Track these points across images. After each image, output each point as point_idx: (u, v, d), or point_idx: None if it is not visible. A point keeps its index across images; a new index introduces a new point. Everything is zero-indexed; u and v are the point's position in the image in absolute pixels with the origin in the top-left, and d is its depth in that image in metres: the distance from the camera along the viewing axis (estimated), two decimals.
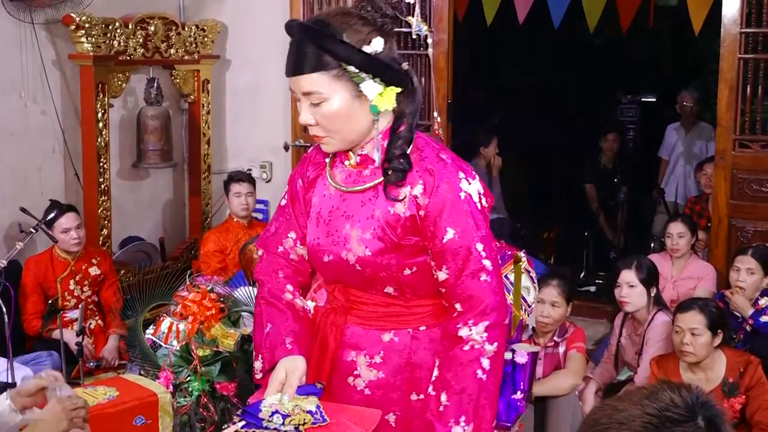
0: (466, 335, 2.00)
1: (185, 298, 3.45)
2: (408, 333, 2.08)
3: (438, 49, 5.60)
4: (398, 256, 2.01)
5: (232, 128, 6.40)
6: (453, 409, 1.98)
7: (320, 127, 2.02)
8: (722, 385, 3.71)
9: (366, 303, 2.08)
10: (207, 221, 6.21)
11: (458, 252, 1.99)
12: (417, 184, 2.00)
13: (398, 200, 2.01)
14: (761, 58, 4.93)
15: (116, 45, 5.40)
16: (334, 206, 2.09)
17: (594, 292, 6.62)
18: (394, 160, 2.00)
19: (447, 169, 2.01)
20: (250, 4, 6.11)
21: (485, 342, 1.99)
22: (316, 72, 1.96)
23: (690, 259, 5.05)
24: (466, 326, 2.00)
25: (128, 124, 5.89)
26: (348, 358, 2.10)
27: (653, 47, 9.56)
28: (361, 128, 2.03)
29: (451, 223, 1.98)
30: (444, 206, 1.98)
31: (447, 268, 2.00)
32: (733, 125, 5.01)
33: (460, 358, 2.00)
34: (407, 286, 2.04)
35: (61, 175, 5.53)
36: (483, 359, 1.99)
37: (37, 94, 5.34)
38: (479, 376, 1.99)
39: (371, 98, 1.99)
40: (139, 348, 4.40)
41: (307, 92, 1.99)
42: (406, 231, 2.01)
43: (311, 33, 1.96)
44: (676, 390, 1.31)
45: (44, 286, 4.83)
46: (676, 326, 3.83)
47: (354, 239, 2.03)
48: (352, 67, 1.96)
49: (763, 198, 5.00)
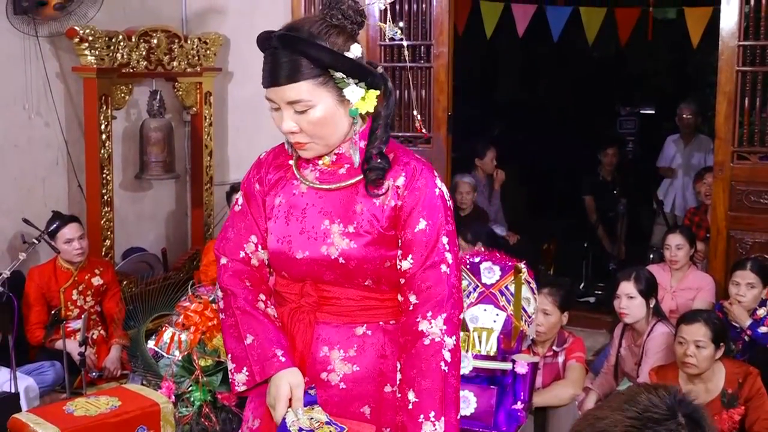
0: (426, 329, 2.05)
1: (187, 309, 3.48)
2: (380, 326, 2.12)
3: (438, 61, 5.64)
4: (382, 249, 2.06)
5: (234, 140, 6.44)
6: (421, 404, 2.03)
7: (304, 134, 2.06)
8: (721, 396, 3.72)
9: (339, 298, 2.10)
10: (209, 232, 6.24)
11: (426, 243, 2.06)
12: (400, 176, 2.08)
13: (381, 194, 2.07)
14: (759, 71, 4.97)
15: (119, 58, 5.44)
16: (308, 203, 2.11)
17: (593, 303, 6.63)
18: (373, 159, 2.06)
19: (425, 167, 2.10)
20: (252, 17, 6.16)
21: (444, 335, 2.05)
22: (304, 80, 1.99)
23: (689, 270, 5.07)
24: (426, 320, 2.05)
25: (131, 136, 5.92)
26: (320, 354, 2.11)
27: (652, 60, 9.61)
28: (342, 132, 2.08)
29: (424, 215, 2.06)
30: (420, 199, 2.06)
31: (412, 258, 2.06)
32: (731, 137, 5.05)
33: (423, 353, 2.04)
34: (385, 278, 2.09)
35: (64, 187, 5.57)
36: (444, 351, 2.05)
37: (41, 106, 5.38)
38: (442, 368, 2.04)
39: (354, 102, 2.03)
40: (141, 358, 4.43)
41: (293, 101, 2.02)
42: (389, 222, 2.07)
43: (295, 42, 1.98)
44: (654, 391, 1.34)
45: (47, 296, 4.86)
46: (680, 337, 3.83)
47: (335, 234, 2.06)
48: (339, 73, 2.00)
49: (761, 209, 5.03)
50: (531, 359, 3.82)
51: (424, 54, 5.71)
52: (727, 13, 4.98)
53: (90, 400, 3.30)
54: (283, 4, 5.96)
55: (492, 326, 3.71)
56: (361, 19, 2.05)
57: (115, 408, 3.25)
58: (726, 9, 4.98)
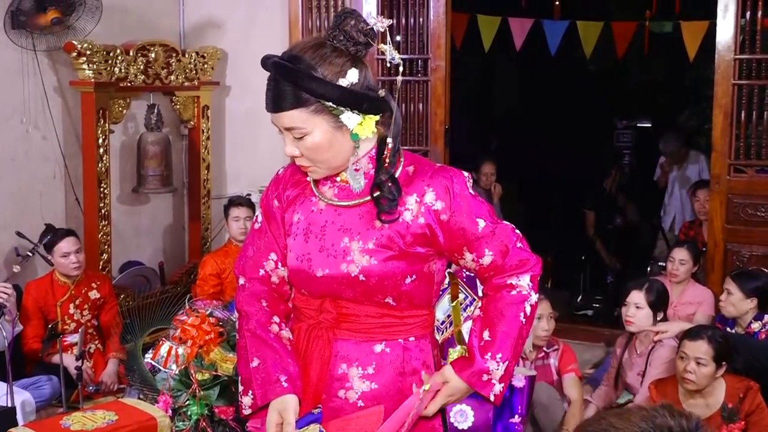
0: (515, 282, 2.12)
1: (184, 322, 3.47)
2: (399, 344, 2.11)
3: (435, 75, 5.66)
4: (403, 264, 2.06)
5: (232, 154, 6.44)
6: (494, 343, 2.09)
7: (305, 158, 2.06)
8: (721, 411, 3.70)
9: (358, 315, 2.09)
10: (206, 246, 6.24)
11: (495, 233, 2.10)
12: (426, 192, 2.06)
13: (395, 219, 2.05)
14: (755, 84, 4.99)
15: (117, 72, 5.45)
16: (327, 221, 2.10)
17: (591, 316, 6.64)
18: (384, 185, 2.04)
19: (451, 172, 2.10)
20: (249, 30, 6.17)
21: (531, 290, 2.13)
22: (295, 109, 2.00)
23: (689, 285, 5.06)
24: (515, 276, 2.12)
25: (129, 150, 5.93)
26: (338, 371, 2.10)
27: (648, 73, 9.64)
28: (344, 155, 2.07)
29: (476, 213, 2.09)
30: (465, 202, 2.08)
31: (490, 251, 2.10)
32: (728, 150, 5.06)
33: (508, 299, 2.11)
34: (405, 295, 2.08)
35: (61, 200, 5.56)
36: (526, 304, 2.12)
37: (38, 120, 5.39)
38: (521, 318, 2.11)
39: (351, 128, 2.02)
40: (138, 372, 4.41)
41: (288, 128, 2.03)
42: (416, 239, 2.06)
43: (286, 72, 1.99)
44: (676, 417, 1.31)
45: (44, 310, 4.84)
46: (681, 352, 3.81)
47: (355, 251, 2.05)
48: (330, 103, 1.99)
49: (758, 222, 5.03)
50: (528, 373, 3.82)
51: (422, 68, 5.72)
52: (723, 27, 5.00)
53: (87, 414, 3.29)
54: (281, 19, 5.98)
55: None
56: (367, 40, 2.02)
57: (112, 422, 3.25)
58: (722, 23, 5.00)
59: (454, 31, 6.48)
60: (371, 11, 5.71)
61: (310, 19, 5.88)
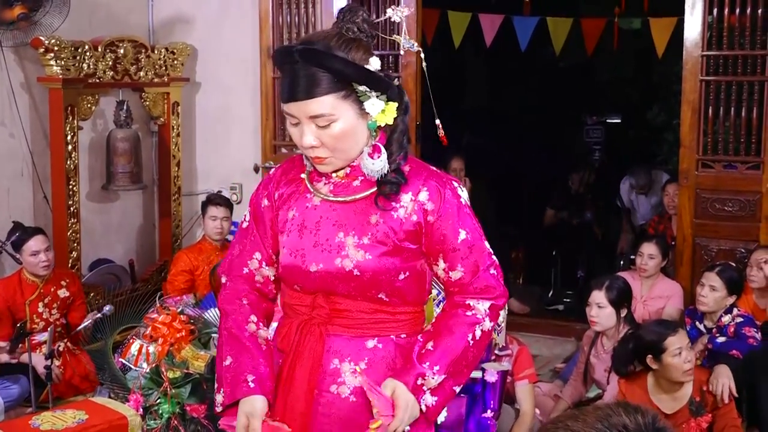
0: (473, 305, 2.13)
1: (155, 320, 3.45)
2: (391, 340, 2.13)
3: (406, 71, 5.66)
4: (397, 261, 2.08)
5: (202, 150, 6.41)
6: (433, 354, 2.09)
7: (324, 148, 2.04)
8: (689, 404, 3.74)
9: (351, 311, 2.11)
10: (177, 243, 6.20)
11: (471, 251, 2.11)
12: (421, 191, 2.09)
13: (390, 209, 2.08)
14: (722, 80, 5.04)
15: (85, 68, 5.39)
16: (322, 216, 2.11)
17: (562, 311, 6.68)
18: (389, 173, 2.07)
19: (446, 178, 2.14)
20: (219, 27, 6.14)
21: (486, 316, 2.13)
22: (328, 95, 1.98)
23: (658, 279, 5.09)
24: (475, 299, 2.13)
25: (98, 147, 5.87)
26: (331, 366, 2.12)
27: (618, 70, 9.72)
28: (361, 145, 2.08)
29: (461, 224, 2.10)
30: (452, 210, 2.09)
31: (462, 267, 2.11)
32: (696, 146, 5.11)
33: (461, 318, 2.12)
34: (398, 291, 2.10)
35: (29, 198, 5.50)
36: (477, 328, 2.12)
37: (5, 117, 5.32)
38: (468, 339, 2.11)
39: (374, 115, 2.04)
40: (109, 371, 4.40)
41: (315, 115, 2.00)
42: (407, 236, 2.09)
43: (319, 56, 1.97)
44: (632, 413, 1.29)
45: (12, 309, 4.78)
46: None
47: (350, 246, 2.07)
48: (362, 87, 2.00)
49: (725, 217, 5.09)
50: (500, 368, 3.83)
51: (393, 64, 5.73)
52: (690, 23, 5.06)
53: (56, 413, 3.27)
54: (251, 15, 5.95)
55: None
56: (374, 32, 2.08)
57: (82, 421, 3.23)
58: (690, 20, 5.05)
59: (425, 27, 6.49)
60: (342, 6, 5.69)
61: (281, 14, 5.86)
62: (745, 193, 5.05)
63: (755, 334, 4.29)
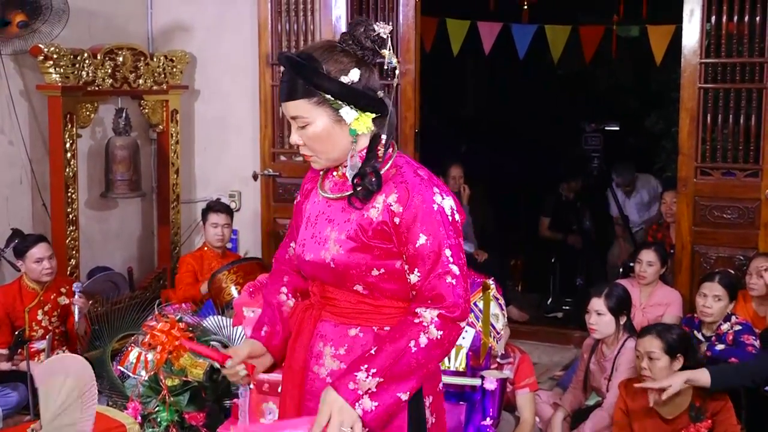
0: (420, 312, 2.15)
1: (154, 328, 3.44)
2: (373, 330, 2.23)
3: (405, 79, 5.67)
4: (367, 257, 2.19)
5: (201, 158, 6.42)
6: (373, 358, 2.12)
7: (307, 147, 2.25)
8: (689, 410, 3.74)
9: (338, 299, 2.25)
10: (176, 251, 6.20)
11: (429, 256, 2.16)
12: (392, 193, 2.18)
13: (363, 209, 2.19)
14: (720, 88, 5.06)
15: (84, 76, 5.40)
16: (320, 211, 2.30)
17: (561, 319, 6.67)
18: (366, 177, 2.19)
19: (422, 184, 2.19)
20: (218, 35, 6.15)
21: (432, 324, 2.13)
22: (302, 99, 2.18)
23: (657, 286, 5.08)
24: (423, 307, 2.16)
25: (97, 155, 5.88)
26: (316, 348, 2.28)
27: (616, 77, 9.73)
28: (342, 148, 2.23)
29: (424, 230, 2.15)
30: (417, 215, 2.15)
31: (418, 271, 2.17)
32: (694, 153, 5.12)
33: (407, 323, 2.15)
34: (375, 286, 2.21)
35: (28, 206, 5.51)
36: (422, 336, 2.13)
37: (4, 125, 5.33)
38: (410, 345, 2.12)
39: (349, 122, 2.20)
40: (107, 378, 4.38)
41: (293, 116, 2.21)
42: (376, 234, 2.18)
43: (295, 65, 2.18)
44: None
45: (12, 316, 4.78)
46: (636, 351, 3.89)
47: (331, 240, 2.23)
48: (330, 96, 2.17)
49: (724, 224, 5.10)
50: (500, 375, 3.84)
51: (391, 71, 5.72)
52: (688, 31, 5.07)
53: None
54: (250, 23, 5.96)
55: (461, 342, 3.71)
56: (374, 46, 2.23)
57: None
58: (688, 27, 5.07)
59: (423, 35, 6.50)
60: (340, 15, 5.71)
61: (279, 22, 5.87)
62: (743, 201, 5.06)
63: (754, 342, 4.29)
